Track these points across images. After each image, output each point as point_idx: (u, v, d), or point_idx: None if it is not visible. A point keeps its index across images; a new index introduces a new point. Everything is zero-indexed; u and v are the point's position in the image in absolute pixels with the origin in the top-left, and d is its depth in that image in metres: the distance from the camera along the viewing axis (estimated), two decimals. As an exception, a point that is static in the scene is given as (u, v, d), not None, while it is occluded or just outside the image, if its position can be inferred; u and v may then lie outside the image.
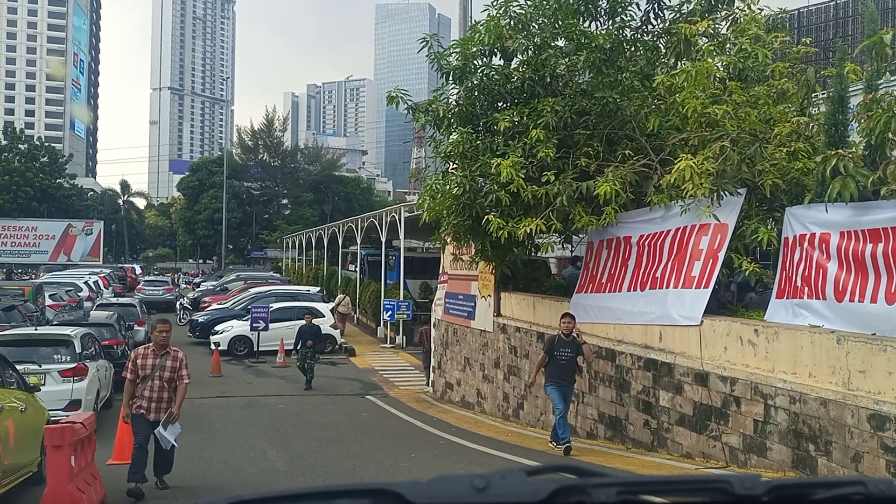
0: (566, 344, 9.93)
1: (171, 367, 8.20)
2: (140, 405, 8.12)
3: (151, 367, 8.14)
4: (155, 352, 8.27)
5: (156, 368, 8.14)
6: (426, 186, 12.33)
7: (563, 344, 9.93)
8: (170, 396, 8.22)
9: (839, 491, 1.26)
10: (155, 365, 8.15)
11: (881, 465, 6.31)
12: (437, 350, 17.52)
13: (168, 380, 8.20)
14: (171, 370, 8.20)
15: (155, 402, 8.17)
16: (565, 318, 10.09)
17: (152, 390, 8.13)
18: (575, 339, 9.94)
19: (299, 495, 1.19)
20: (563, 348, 9.91)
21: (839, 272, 7.34)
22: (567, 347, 9.91)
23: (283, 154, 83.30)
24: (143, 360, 8.20)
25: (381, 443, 11.49)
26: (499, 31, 11.38)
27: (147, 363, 8.17)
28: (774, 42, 10.59)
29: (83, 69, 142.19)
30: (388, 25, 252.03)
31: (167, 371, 8.19)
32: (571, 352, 9.94)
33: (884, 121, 7.10)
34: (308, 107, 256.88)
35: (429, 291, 25.46)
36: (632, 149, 10.31)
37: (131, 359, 8.27)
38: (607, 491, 1.18)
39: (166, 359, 8.23)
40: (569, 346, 9.92)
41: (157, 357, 8.22)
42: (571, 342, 9.94)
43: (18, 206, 73.81)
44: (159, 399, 8.16)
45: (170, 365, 8.21)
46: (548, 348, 10.08)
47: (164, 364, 8.18)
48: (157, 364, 8.15)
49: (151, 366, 8.14)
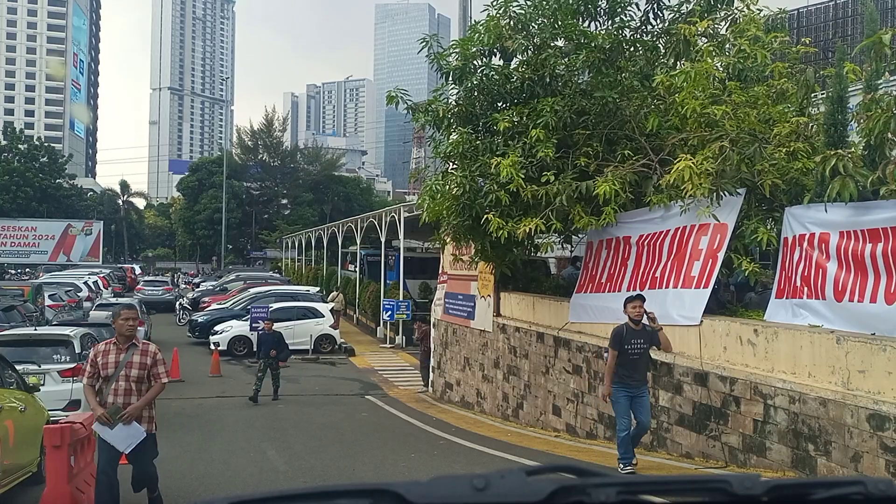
0: (637, 334, 8.18)
1: (139, 363, 6.61)
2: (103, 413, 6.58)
3: (115, 364, 6.57)
4: (118, 346, 6.66)
5: (120, 366, 6.57)
6: (426, 187, 12.33)
7: (633, 334, 8.16)
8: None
9: (839, 491, 1.26)
10: (119, 362, 6.57)
11: (881, 465, 6.31)
12: (436, 350, 17.53)
13: (137, 380, 6.61)
14: (141, 367, 6.61)
15: None
16: (634, 301, 8.24)
17: (116, 394, 6.54)
18: (646, 326, 8.22)
19: (299, 495, 1.19)
20: (635, 339, 8.16)
21: (839, 272, 7.35)
22: (639, 338, 8.17)
23: (283, 154, 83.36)
24: (105, 358, 6.62)
25: (381, 443, 11.49)
26: (498, 32, 11.38)
27: (109, 360, 6.60)
28: (774, 42, 10.59)
29: (83, 69, 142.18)
30: (387, 25, 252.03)
31: (134, 368, 6.59)
32: (644, 342, 8.20)
33: (883, 121, 7.10)
34: (308, 107, 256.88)
35: (428, 291, 25.47)
36: (631, 149, 10.32)
37: (90, 357, 6.74)
38: (607, 491, 1.18)
39: (133, 353, 6.63)
40: (640, 336, 8.18)
41: (121, 352, 6.62)
42: (643, 331, 8.20)
43: (18, 207, 73.84)
44: (125, 406, 6.57)
45: (138, 361, 6.61)
46: (616, 343, 8.18)
47: (129, 360, 6.60)
48: (121, 361, 6.57)
49: (115, 363, 6.57)
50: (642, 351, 8.22)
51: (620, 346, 8.14)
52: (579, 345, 11.23)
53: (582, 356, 11.17)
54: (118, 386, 6.54)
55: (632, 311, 8.21)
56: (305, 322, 23.36)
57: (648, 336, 8.21)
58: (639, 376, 8.25)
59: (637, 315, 8.18)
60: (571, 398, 11.50)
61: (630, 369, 8.16)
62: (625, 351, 8.13)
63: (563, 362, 11.73)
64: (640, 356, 8.22)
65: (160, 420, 12.85)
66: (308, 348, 22.80)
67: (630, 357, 8.15)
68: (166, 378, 6.81)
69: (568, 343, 11.54)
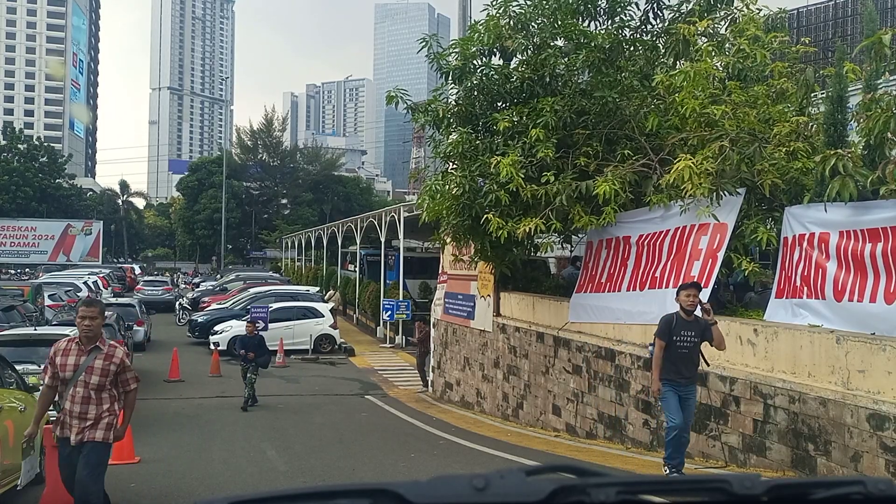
0: (688, 325, 7.31)
1: (101, 369, 5.85)
2: (61, 423, 5.88)
3: (74, 367, 5.84)
4: (81, 346, 5.91)
5: (79, 370, 5.83)
6: (426, 186, 12.33)
7: (683, 325, 7.30)
8: (100, 413, 5.87)
9: (838, 490, 1.26)
10: (79, 366, 5.84)
11: (880, 465, 6.31)
12: (436, 350, 17.53)
13: (97, 387, 5.83)
14: (103, 373, 5.85)
15: (77, 419, 5.82)
16: (689, 289, 7.37)
17: (73, 401, 5.81)
18: (698, 318, 7.35)
19: (299, 495, 1.19)
20: (685, 331, 7.30)
21: (838, 272, 7.35)
22: (690, 330, 7.31)
23: (283, 154, 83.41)
24: (64, 358, 5.89)
25: (381, 443, 11.49)
26: (498, 31, 11.38)
27: (68, 362, 5.86)
28: (773, 42, 10.60)
29: (82, 69, 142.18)
30: (387, 25, 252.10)
31: (95, 374, 5.83)
32: (695, 335, 7.32)
33: (883, 120, 7.11)
34: (307, 107, 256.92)
35: (428, 291, 25.48)
36: (631, 148, 10.32)
37: (49, 354, 6.06)
38: (607, 490, 1.18)
39: (96, 357, 5.87)
40: (692, 328, 7.31)
41: (82, 354, 5.89)
42: (695, 322, 7.33)
43: (17, 206, 73.87)
44: (83, 415, 5.79)
45: (100, 366, 5.85)
46: (664, 332, 7.32)
47: (90, 365, 5.84)
48: (81, 365, 5.85)
49: (74, 366, 5.84)
50: (693, 345, 7.35)
51: (669, 336, 7.30)
52: (579, 345, 11.23)
53: (582, 356, 11.17)
54: (75, 392, 5.82)
55: (685, 299, 7.31)
56: (305, 322, 23.36)
57: (700, 329, 7.33)
58: (688, 373, 7.38)
59: (690, 305, 7.28)
60: (571, 398, 11.51)
61: (678, 364, 7.33)
62: (673, 343, 7.31)
63: (562, 362, 11.74)
64: (690, 350, 7.36)
65: (160, 420, 12.96)
66: (308, 348, 22.81)
67: (679, 351, 7.33)
68: (134, 384, 6.12)
69: (568, 343, 11.55)
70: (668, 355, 7.31)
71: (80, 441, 5.78)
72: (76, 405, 5.82)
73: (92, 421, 5.82)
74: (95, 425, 5.84)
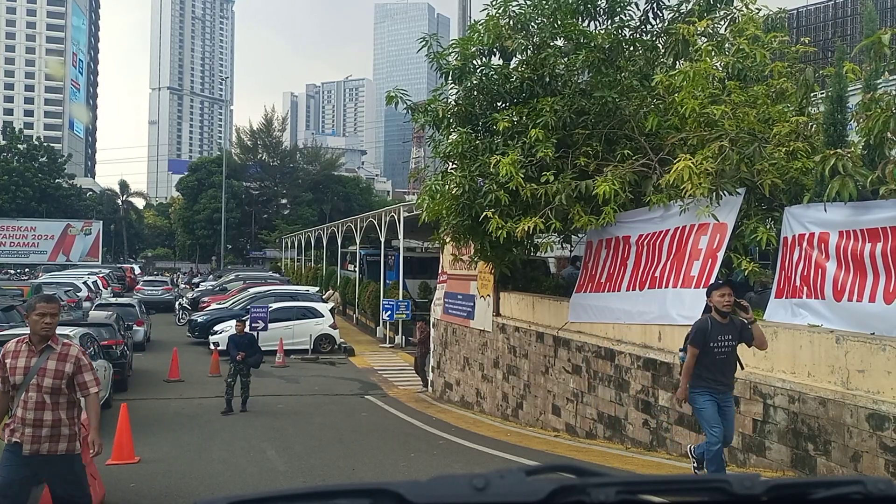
0: (724, 328, 6.80)
1: (55, 370, 5.25)
2: (11, 429, 5.23)
3: (24, 370, 5.24)
4: (32, 346, 5.31)
5: (31, 373, 5.24)
6: (425, 186, 12.34)
7: (719, 329, 6.79)
8: (57, 418, 5.24)
9: (838, 490, 1.26)
10: (30, 368, 5.25)
11: (880, 465, 6.31)
12: (436, 350, 17.53)
13: (52, 391, 5.22)
14: (56, 375, 5.24)
15: (31, 427, 5.18)
16: (721, 289, 6.89)
17: (26, 407, 5.20)
18: (733, 318, 6.86)
19: (299, 495, 1.19)
20: (722, 335, 6.78)
21: (838, 272, 7.35)
22: (726, 333, 6.81)
23: (283, 154, 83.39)
24: (14, 360, 5.28)
25: (381, 443, 11.49)
26: (498, 31, 11.38)
27: (18, 364, 5.26)
28: (773, 42, 10.60)
29: (82, 69, 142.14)
30: (387, 25, 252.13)
31: (48, 377, 5.22)
32: (732, 339, 6.84)
33: (882, 120, 7.11)
34: (307, 106, 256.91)
35: (428, 291, 25.48)
36: (631, 148, 10.32)
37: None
38: (606, 490, 1.18)
39: (48, 358, 5.27)
40: (728, 331, 6.82)
41: (33, 355, 5.29)
42: (730, 325, 6.83)
43: (17, 206, 73.84)
44: (38, 422, 5.19)
45: (53, 368, 5.25)
46: (698, 338, 6.79)
47: (42, 366, 5.25)
48: (32, 367, 5.25)
49: (24, 368, 5.25)
50: (730, 349, 6.86)
51: (704, 343, 6.79)
52: (579, 344, 11.23)
53: (581, 356, 11.17)
54: (28, 398, 5.19)
55: (719, 300, 6.80)
56: (305, 322, 23.37)
57: (737, 331, 6.85)
58: (726, 379, 6.91)
59: (725, 306, 6.77)
60: (571, 398, 11.51)
61: (716, 371, 6.82)
62: (709, 350, 6.78)
63: (562, 362, 11.74)
64: (728, 355, 6.85)
65: (160, 420, 12.95)
66: (308, 348, 22.81)
67: (716, 357, 6.80)
68: (95, 387, 5.39)
69: (567, 343, 11.55)
70: (704, 362, 6.81)
71: (36, 453, 5.16)
72: (29, 412, 5.19)
73: (49, 430, 5.20)
74: (55, 437, 5.22)
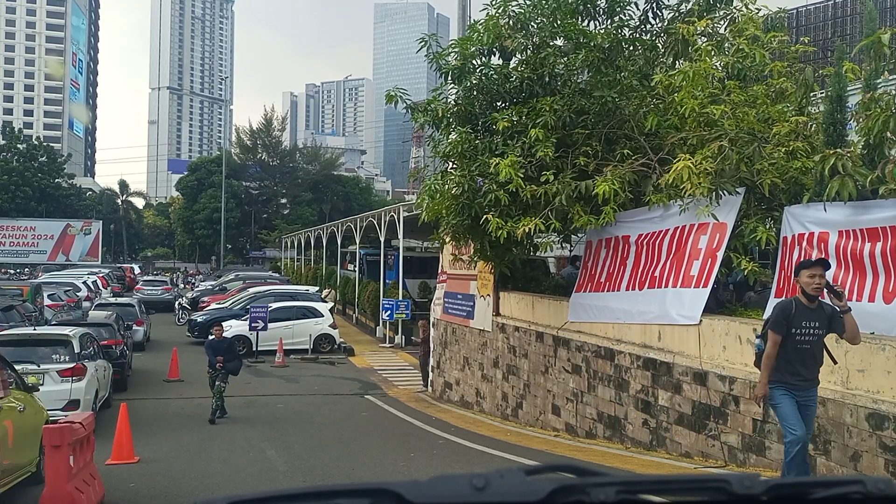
0: (810, 314, 5.88)
1: None
2: None
3: None
4: None
5: None
6: (425, 186, 12.33)
7: (805, 314, 5.87)
8: None
9: (838, 490, 1.26)
10: None
11: (880, 464, 6.31)
12: (436, 349, 17.53)
13: None
14: None
15: None
16: (812, 267, 5.94)
17: None
18: (823, 304, 5.93)
19: (299, 495, 1.19)
20: (808, 321, 5.87)
21: (838, 271, 7.36)
22: (813, 319, 5.87)
23: (282, 153, 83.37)
24: None
25: (381, 442, 11.49)
26: (497, 31, 11.37)
27: None
28: (773, 41, 10.60)
29: (82, 69, 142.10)
30: (386, 25, 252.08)
31: None
32: (820, 326, 5.89)
33: (882, 120, 7.11)
34: (307, 106, 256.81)
35: (428, 291, 25.46)
36: (630, 148, 10.32)
37: None
38: (606, 490, 1.18)
39: None
40: (816, 318, 5.88)
41: None
42: (819, 310, 5.90)
43: (17, 206, 73.86)
44: None
45: None
46: (779, 323, 5.88)
47: None
48: None
49: None
50: (816, 338, 5.92)
51: (786, 328, 5.85)
52: (578, 344, 11.23)
53: (581, 356, 11.17)
54: None
55: (808, 280, 5.85)
56: (305, 322, 23.37)
57: (827, 319, 5.89)
58: (808, 373, 5.97)
59: (815, 288, 5.83)
60: (571, 398, 11.51)
61: (796, 363, 5.91)
62: (791, 336, 5.85)
63: (562, 362, 11.74)
64: (813, 345, 5.93)
65: (159, 420, 12.95)
66: (307, 348, 22.81)
67: (798, 346, 5.89)
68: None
69: (567, 342, 11.55)
70: (783, 352, 5.92)
71: None
72: None
73: None
74: None
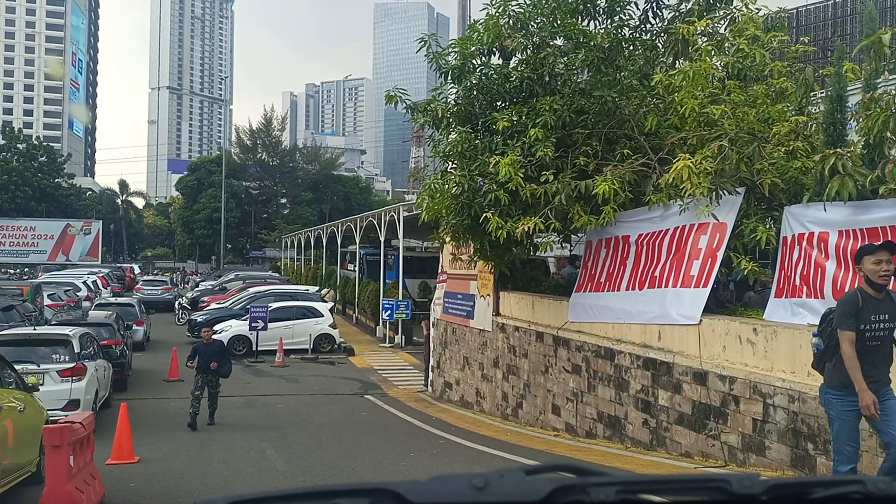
0: (878, 305, 5.24)
1: None
2: None
3: None
4: None
5: None
6: (425, 186, 12.34)
7: (873, 306, 5.22)
8: None
9: (838, 490, 1.26)
10: None
11: (880, 464, 6.30)
12: (435, 349, 17.53)
13: None
14: None
15: None
16: (878, 252, 5.21)
17: None
18: (891, 295, 5.31)
19: (298, 495, 1.19)
20: (876, 314, 5.22)
21: (837, 271, 7.35)
22: (882, 312, 5.23)
23: (282, 153, 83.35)
24: None
25: (380, 442, 11.49)
26: (497, 31, 11.37)
27: None
28: (773, 41, 10.59)
29: (81, 69, 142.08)
30: (386, 25, 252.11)
31: None
32: (890, 319, 5.25)
33: (882, 119, 7.11)
34: (307, 106, 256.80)
35: (428, 291, 25.46)
36: (630, 148, 10.32)
37: None
38: (606, 490, 1.18)
39: None
40: (885, 310, 5.24)
41: None
42: (887, 301, 5.27)
43: (17, 206, 73.85)
44: None
45: None
46: (848, 318, 5.19)
47: None
48: None
49: None
50: (887, 333, 5.26)
51: (856, 323, 5.17)
52: (578, 344, 11.23)
53: (581, 355, 11.17)
54: None
55: (873, 267, 5.16)
56: (304, 321, 23.38)
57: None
58: (878, 373, 5.26)
59: (882, 276, 5.15)
60: (571, 397, 11.51)
61: (864, 362, 5.17)
62: (860, 332, 5.19)
63: (562, 361, 11.74)
64: (883, 342, 5.26)
65: (159, 420, 12.94)
66: (307, 348, 22.82)
67: (867, 343, 5.19)
68: None
69: (567, 342, 11.55)
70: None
71: None
72: None
73: None
74: None
